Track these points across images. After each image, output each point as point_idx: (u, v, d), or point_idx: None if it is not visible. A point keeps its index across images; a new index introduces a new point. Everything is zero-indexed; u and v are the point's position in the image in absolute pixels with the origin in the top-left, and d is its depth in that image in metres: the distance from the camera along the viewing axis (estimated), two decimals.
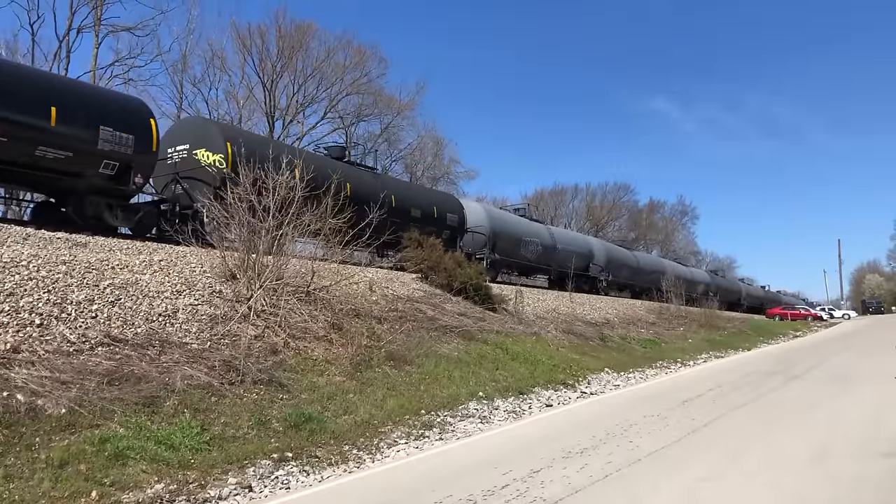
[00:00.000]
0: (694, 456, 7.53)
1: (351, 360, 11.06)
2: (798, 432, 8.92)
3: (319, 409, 9.14)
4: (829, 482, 6.43)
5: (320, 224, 12.03)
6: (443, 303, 17.11)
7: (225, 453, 7.26)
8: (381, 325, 13.35)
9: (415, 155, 46.68)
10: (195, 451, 7.08)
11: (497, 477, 6.58)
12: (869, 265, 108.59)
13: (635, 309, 31.35)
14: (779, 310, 57.46)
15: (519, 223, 29.77)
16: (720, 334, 31.71)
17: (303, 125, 40.16)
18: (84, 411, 6.92)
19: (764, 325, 44.72)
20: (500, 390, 12.36)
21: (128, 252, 11.78)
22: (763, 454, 7.64)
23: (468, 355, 13.87)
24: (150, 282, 10.60)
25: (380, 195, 19.04)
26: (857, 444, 8.16)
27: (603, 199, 69.75)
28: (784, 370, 17.55)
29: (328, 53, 40.33)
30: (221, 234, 11.91)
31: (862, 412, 10.56)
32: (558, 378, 14.39)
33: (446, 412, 10.40)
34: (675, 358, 21.64)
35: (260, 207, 11.78)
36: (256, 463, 7.19)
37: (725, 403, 11.46)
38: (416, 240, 19.71)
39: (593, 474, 6.60)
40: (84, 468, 6.08)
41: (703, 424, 9.34)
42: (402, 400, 10.30)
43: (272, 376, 9.49)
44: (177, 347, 9.20)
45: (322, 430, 8.47)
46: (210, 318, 10.39)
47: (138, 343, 8.82)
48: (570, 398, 12.79)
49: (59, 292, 8.98)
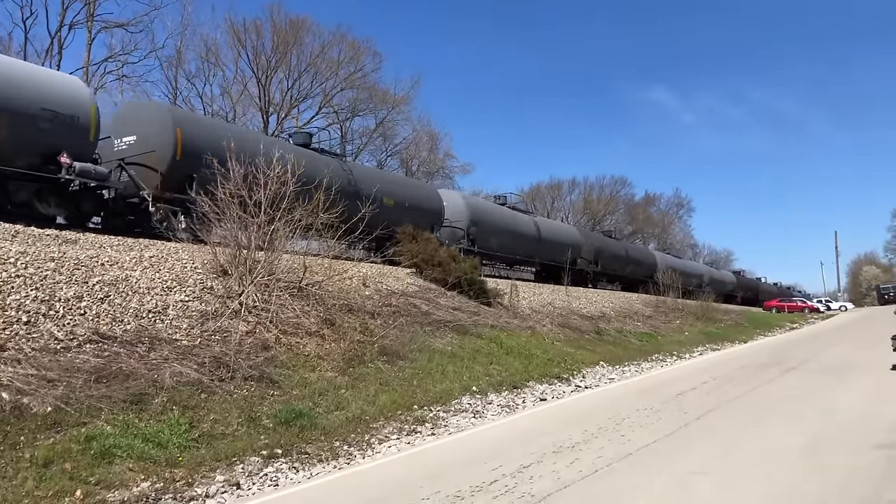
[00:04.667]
0: (686, 449, 7.49)
1: (343, 355, 11.00)
2: (791, 424, 8.89)
3: (310, 405, 9.08)
4: (820, 474, 6.39)
5: (311, 219, 11.89)
6: (437, 297, 17.05)
7: (213, 451, 7.20)
8: (374, 320, 13.29)
9: (410, 150, 46.52)
10: (183, 449, 7.02)
11: (486, 472, 6.53)
12: (866, 256, 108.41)
13: (632, 302, 31.32)
14: (776, 302, 57.46)
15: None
16: (717, 327, 31.72)
17: (297, 120, 39.97)
18: (70, 409, 6.85)
19: (761, 317, 44.74)
20: (494, 385, 12.32)
21: (119, 248, 11.71)
22: (755, 447, 7.59)
23: (462, 350, 13.82)
24: (140, 278, 10.53)
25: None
26: (850, 435, 8.13)
27: (600, 192, 69.77)
28: (779, 362, 17.54)
29: (322, 48, 40.12)
30: (209, 230, 11.77)
31: (856, 403, 10.53)
32: (553, 372, 14.35)
33: (439, 407, 10.35)
34: (672, 351, 21.64)
35: (251, 202, 11.69)
36: (245, 460, 7.14)
37: (719, 396, 11.43)
38: (411, 234, 19.63)
39: (583, 469, 6.55)
40: (69, 467, 6.02)
41: (695, 417, 9.30)
42: (394, 395, 10.25)
43: (263, 372, 9.43)
44: (166, 344, 9.13)
45: (312, 426, 8.42)
46: (201, 315, 10.32)
47: (127, 340, 8.76)
48: (564, 392, 12.76)
49: (48, 289, 8.91)
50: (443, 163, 49.34)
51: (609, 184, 71.34)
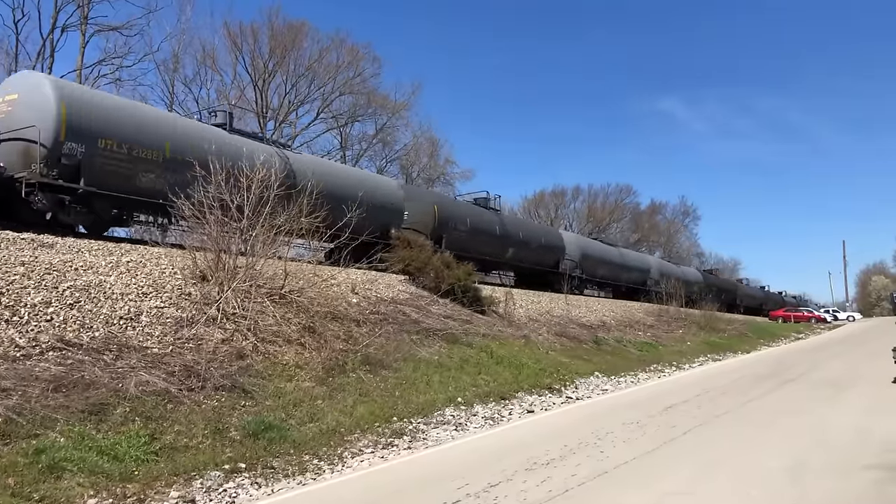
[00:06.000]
0: (666, 468, 7.15)
1: (323, 364, 10.73)
2: (780, 441, 8.53)
3: (283, 416, 8.80)
4: (802, 499, 6.05)
5: (291, 224, 11.64)
6: (429, 305, 16.76)
7: (173, 464, 6.93)
8: (359, 328, 13.00)
9: (410, 156, 46.22)
10: (140, 463, 6.75)
11: (450, 492, 6.22)
12: (875, 266, 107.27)
13: (633, 311, 30.93)
14: (782, 312, 56.85)
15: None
16: (720, 336, 31.25)
17: (294, 126, 39.77)
18: (22, 420, 6.60)
19: (766, 327, 44.19)
20: (481, 396, 12.01)
21: (97, 253, 11.47)
22: (739, 466, 7.25)
23: (450, 359, 13.52)
24: (115, 283, 10.30)
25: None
26: (839, 455, 7.76)
27: (604, 200, 69.11)
28: (778, 373, 17.15)
29: (321, 53, 39.86)
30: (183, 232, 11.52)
31: (851, 420, 10.15)
32: (544, 382, 14.02)
33: (420, 419, 10.06)
34: (671, 361, 21.26)
35: (234, 206, 11.47)
36: (205, 475, 6.86)
37: (710, 410, 11.06)
38: (406, 240, 19.37)
39: (553, 489, 6.22)
40: (12, 482, 5.77)
41: (682, 433, 8.95)
42: (373, 406, 9.95)
43: (236, 382, 9.16)
44: (136, 352, 8.88)
45: (282, 438, 8.13)
46: (176, 322, 10.07)
47: (94, 348, 8.51)
48: (553, 403, 12.43)
49: (14, 294, 8.69)
50: (443, 169, 49.08)
51: (614, 192, 70.67)
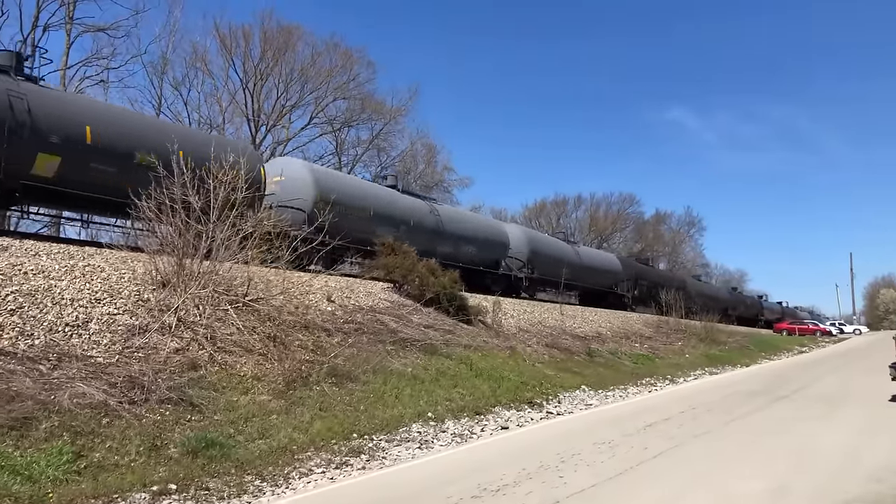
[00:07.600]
0: (627, 497, 6.59)
1: (285, 376, 10.23)
2: (760, 465, 7.95)
3: (231, 431, 8.30)
4: None
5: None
6: (410, 314, 16.23)
7: (95, 484, 6.44)
8: (330, 337, 12.49)
9: (406, 162, 45.74)
10: (58, 483, 6.27)
11: None
12: (884, 279, 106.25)
13: (631, 322, 30.32)
14: (786, 324, 56.01)
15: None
16: (720, 349, 30.57)
17: (287, 130, 39.32)
18: None
19: (769, 339, 43.37)
20: (454, 410, 11.47)
21: (55, 257, 11.00)
22: (710, 494, 6.69)
23: (426, 371, 12.98)
24: (66, 288, 9.84)
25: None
26: (822, 482, 7.19)
27: (607, 209, 68.39)
28: (771, 389, 16.52)
29: (314, 57, 39.45)
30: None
31: (840, 440, 9.56)
32: (525, 396, 13.45)
33: (383, 435, 9.53)
34: (666, 374, 20.65)
35: (198, 207, 11.03)
36: (129, 497, 6.36)
37: (691, 428, 10.48)
38: (390, 245, 18.87)
39: None
40: None
41: (653, 455, 8.36)
42: (332, 422, 9.43)
43: (184, 394, 8.66)
44: (77, 361, 8.40)
45: (224, 456, 7.62)
46: (127, 329, 9.59)
47: (30, 357, 8.04)
48: (531, 419, 11.88)
49: None
50: (441, 176, 48.59)
51: (617, 201, 69.94)
